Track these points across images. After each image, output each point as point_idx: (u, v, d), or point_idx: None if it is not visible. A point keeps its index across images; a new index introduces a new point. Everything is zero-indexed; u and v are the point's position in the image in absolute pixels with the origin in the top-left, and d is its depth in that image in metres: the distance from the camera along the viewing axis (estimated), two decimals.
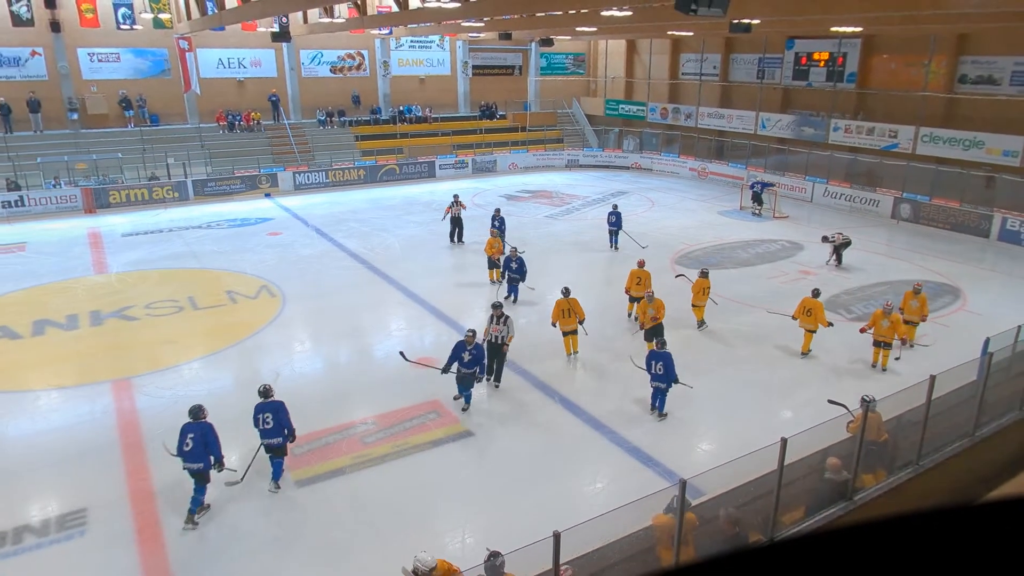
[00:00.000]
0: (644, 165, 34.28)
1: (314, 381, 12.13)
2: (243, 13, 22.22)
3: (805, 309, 13.01)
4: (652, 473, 9.25)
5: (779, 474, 6.87)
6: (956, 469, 8.66)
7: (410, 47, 35.29)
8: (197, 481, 8.39)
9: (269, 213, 24.99)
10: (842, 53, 27.63)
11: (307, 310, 15.51)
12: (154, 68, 29.99)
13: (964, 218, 22.41)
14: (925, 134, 23.99)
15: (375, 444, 9.98)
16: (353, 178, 30.16)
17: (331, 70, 33.73)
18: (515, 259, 15.65)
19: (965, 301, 16.02)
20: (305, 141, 31.30)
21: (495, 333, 11.46)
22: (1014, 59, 22.84)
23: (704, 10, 9.47)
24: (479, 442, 10.06)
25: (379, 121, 33.82)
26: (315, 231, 22.31)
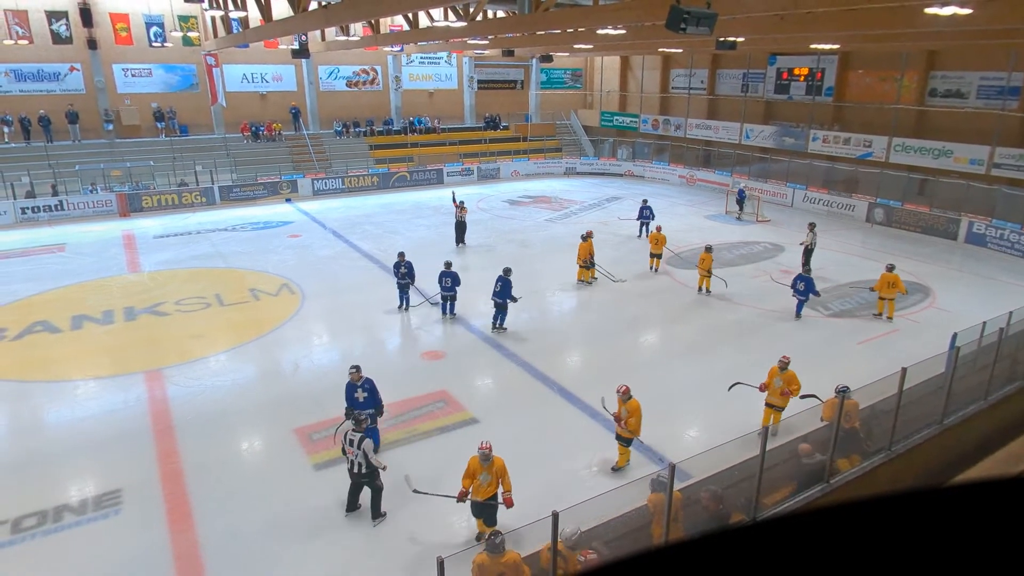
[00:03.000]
0: (637, 172, 34.22)
1: (331, 372, 12.12)
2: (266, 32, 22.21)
3: (888, 283, 14.43)
4: (643, 458, 9.25)
5: (761, 458, 6.87)
6: (925, 455, 8.65)
7: (420, 63, 35.26)
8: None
9: (289, 217, 24.99)
10: (820, 69, 27.55)
11: (324, 307, 15.49)
12: (183, 82, 29.99)
13: (933, 222, 22.35)
14: (898, 144, 23.92)
15: (387, 430, 9.98)
16: (367, 184, 30.16)
17: (347, 84, 33.70)
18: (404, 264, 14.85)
19: (934, 299, 15.98)
20: (323, 150, 31.30)
21: (351, 457, 7.85)
22: (980, 74, 22.76)
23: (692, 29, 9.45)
24: (483, 429, 10.06)
25: (391, 132, 33.80)
26: (332, 233, 22.31)
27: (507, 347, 13.07)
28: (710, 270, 16.08)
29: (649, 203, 21.92)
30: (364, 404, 9.04)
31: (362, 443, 7.77)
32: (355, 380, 9.13)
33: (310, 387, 11.44)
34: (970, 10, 11.42)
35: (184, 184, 26.74)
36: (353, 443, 7.81)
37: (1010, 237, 20.17)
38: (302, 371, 12.13)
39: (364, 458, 7.79)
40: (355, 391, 9.13)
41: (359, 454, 7.78)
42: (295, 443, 9.70)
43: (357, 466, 7.83)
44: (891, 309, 14.65)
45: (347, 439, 7.88)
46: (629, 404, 8.78)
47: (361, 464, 7.81)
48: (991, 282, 17.52)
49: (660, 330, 14.64)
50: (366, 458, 7.79)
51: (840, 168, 26.28)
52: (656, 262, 18.30)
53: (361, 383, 9.14)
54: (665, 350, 13.75)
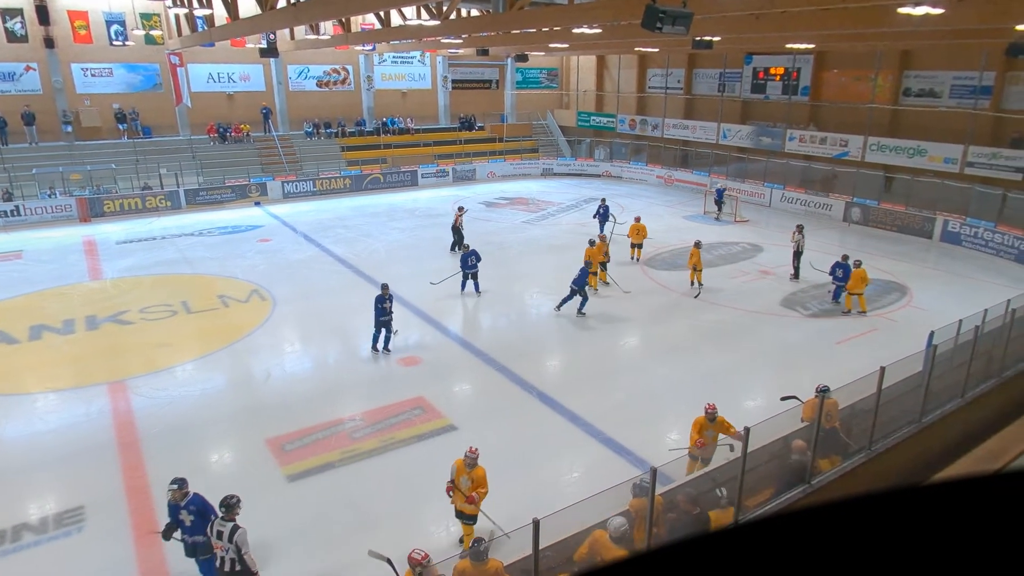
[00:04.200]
0: (614, 173, 34.46)
1: (303, 380, 12.01)
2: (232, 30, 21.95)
3: (860, 278, 14.72)
4: (625, 462, 9.29)
5: (743, 461, 6.94)
6: (905, 453, 8.82)
7: (392, 62, 35.13)
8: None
9: (259, 220, 24.71)
10: (796, 68, 28.04)
11: (296, 313, 15.36)
12: (146, 82, 29.51)
13: (909, 220, 22.84)
14: (873, 143, 24.42)
15: (363, 439, 9.91)
16: (339, 187, 29.94)
17: (317, 84, 33.44)
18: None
19: (911, 298, 16.33)
20: (293, 152, 31.00)
21: (220, 552, 6.61)
22: (952, 74, 23.35)
23: (668, 28, 9.56)
24: (462, 436, 10.03)
25: (364, 133, 33.60)
26: (303, 237, 22.10)
27: (485, 352, 13.06)
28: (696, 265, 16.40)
29: (607, 203, 21.80)
30: (193, 529, 6.96)
31: (234, 535, 6.49)
32: (176, 500, 6.99)
33: (282, 396, 11.31)
34: (942, 10, 11.71)
35: (148, 188, 26.29)
36: (222, 535, 6.51)
37: (984, 235, 20.69)
38: (274, 379, 11.99)
39: (236, 552, 6.50)
40: (178, 512, 7.00)
41: (230, 548, 6.49)
42: (267, 454, 9.58)
43: (229, 563, 6.51)
44: (862, 303, 14.95)
45: (214, 530, 6.61)
46: (474, 472, 7.45)
47: (233, 560, 6.50)
48: (966, 280, 17.95)
49: (640, 332, 14.75)
50: (239, 553, 6.51)
51: (817, 167, 26.75)
52: (637, 252, 19.10)
53: (186, 502, 6.97)
54: (645, 352, 13.84)
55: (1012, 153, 20.81)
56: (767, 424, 7.55)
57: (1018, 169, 20.51)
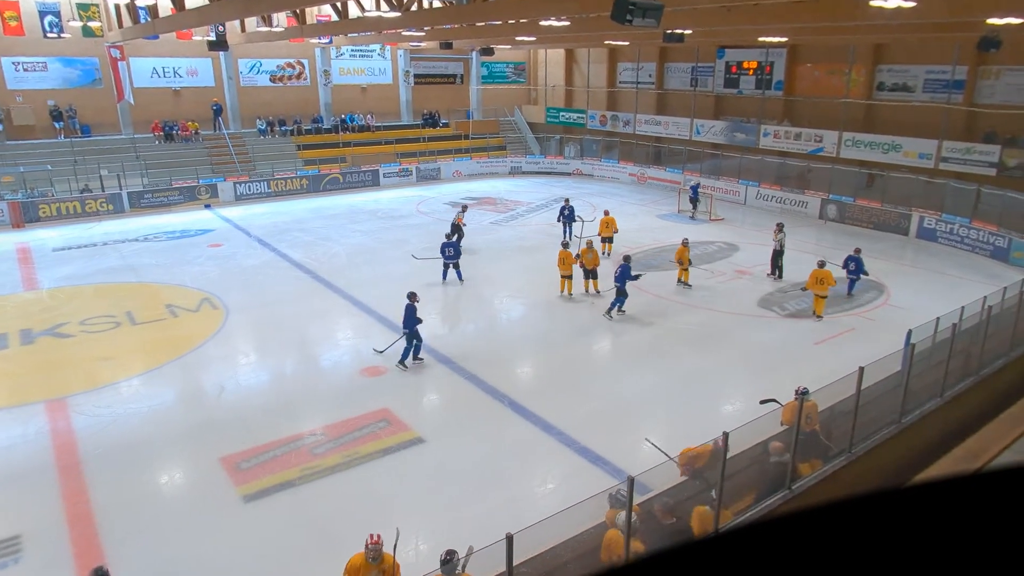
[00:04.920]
0: (585, 171, 34.71)
1: (260, 393, 11.82)
2: (177, 22, 21.57)
3: (817, 279, 14.81)
4: (601, 471, 9.34)
5: (722, 466, 7.03)
6: (886, 455, 9.04)
7: (351, 56, 34.90)
8: None
9: (209, 224, 24.30)
10: (769, 62, 28.62)
11: (251, 321, 15.15)
12: (84, 77, 28.81)
13: (885, 217, 23.45)
14: (848, 138, 25.03)
15: (325, 455, 9.78)
16: (295, 188, 29.61)
17: (271, 79, 33.06)
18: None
19: (888, 296, 16.75)
20: (245, 151, 30.56)
21: None
22: (925, 68, 24.08)
23: (639, 21, 9.67)
24: (431, 448, 9.98)
25: (321, 130, 33.29)
26: (258, 241, 21.80)
27: (453, 360, 13.01)
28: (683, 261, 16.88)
29: (571, 203, 21.84)
30: None
31: None
32: None
33: (237, 411, 11.12)
34: (914, 3, 12.07)
35: (88, 190, 25.65)
36: None
37: (959, 231, 21.34)
38: (228, 393, 11.78)
39: None
40: None
41: None
42: (221, 474, 9.40)
43: None
44: (820, 307, 15.07)
45: None
46: (383, 566, 6.31)
47: None
48: (943, 277, 18.49)
49: (614, 336, 14.85)
50: None
51: (792, 164, 27.31)
52: (608, 247, 19.52)
53: None
54: (620, 356, 13.94)
55: (985, 148, 21.53)
56: (747, 428, 7.67)
57: (991, 164, 21.23)
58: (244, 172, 29.37)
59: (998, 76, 22.50)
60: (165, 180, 27.25)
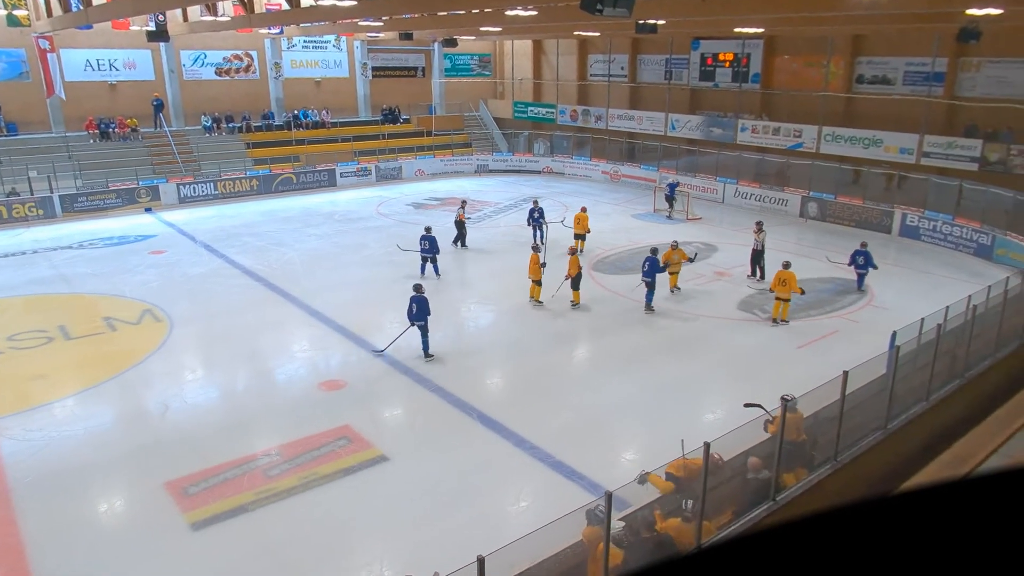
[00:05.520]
0: (556, 169, 34.89)
1: (208, 412, 11.64)
2: (113, 10, 21.18)
3: (780, 280, 14.93)
4: (577, 487, 9.36)
5: (703, 479, 7.10)
6: (872, 462, 9.23)
7: (304, 47, 34.63)
8: None
9: (151, 229, 23.89)
10: (746, 54, 29.13)
11: (198, 334, 14.95)
12: (10, 71, 28.11)
13: (867, 215, 24.00)
14: (828, 133, 25.58)
15: (280, 477, 9.66)
16: (245, 189, 29.26)
17: (216, 72, 32.65)
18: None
19: (872, 296, 17.13)
20: (189, 150, 30.12)
21: None
22: (905, 60, 24.75)
23: (610, 10, 9.78)
24: (395, 467, 9.92)
25: (272, 127, 32.95)
26: (204, 247, 21.51)
27: (418, 371, 12.96)
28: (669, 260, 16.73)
29: (540, 204, 21.81)
30: None
31: None
32: None
33: (183, 431, 10.92)
34: None
35: (15, 194, 25.01)
36: None
37: (943, 229, 21.94)
38: (173, 413, 11.57)
39: None
40: None
41: None
42: (167, 500, 9.23)
43: None
44: (784, 311, 15.18)
45: None
46: None
47: None
48: (927, 276, 18.99)
49: (589, 344, 14.93)
50: None
51: (771, 160, 27.81)
52: (580, 244, 19.89)
53: None
54: (595, 365, 14.01)
55: (967, 142, 22.18)
56: (729, 437, 7.76)
57: (973, 159, 21.87)
58: (188, 173, 28.93)
59: (978, 68, 23.22)
60: (101, 182, 26.72)
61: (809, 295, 17.03)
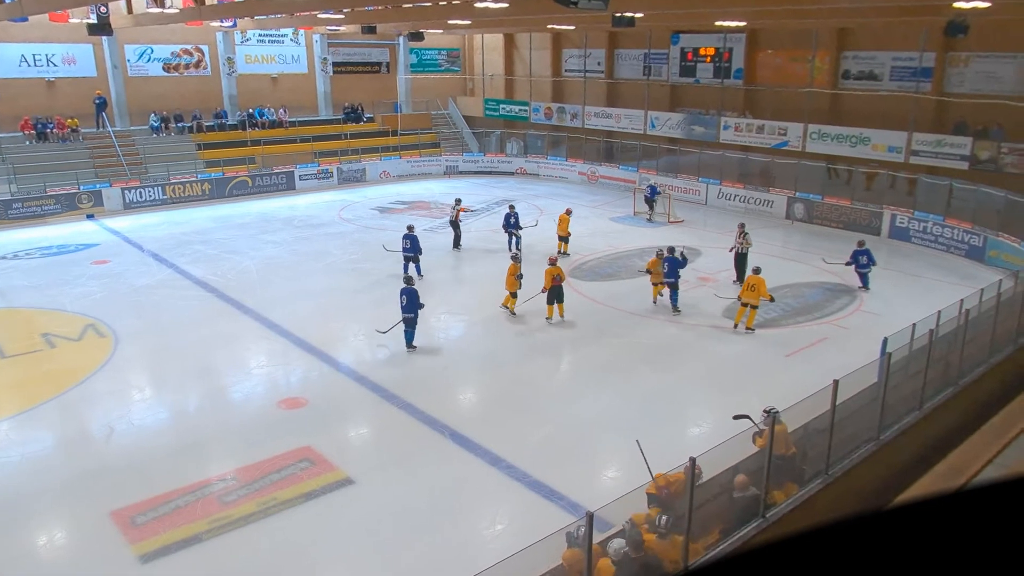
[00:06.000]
0: (530, 170, 35.01)
1: (158, 434, 11.48)
2: (50, 2, 20.87)
3: (749, 285, 15.03)
4: (557, 508, 9.37)
5: (689, 497, 7.14)
6: (864, 475, 9.35)
7: (259, 42, 34.42)
8: None
9: (93, 238, 23.55)
10: (728, 48, 29.54)
11: (146, 350, 14.78)
12: None
13: (855, 216, 24.42)
14: (813, 131, 26.02)
15: (237, 503, 9.54)
16: (196, 193, 28.98)
17: (164, 68, 32.32)
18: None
19: (862, 301, 17.41)
20: (135, 151, 29.73)
21: None
22: (892, 54, 25.28)
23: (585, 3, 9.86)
24: (361, 490, 9.84)
25: (225, 126, 32.65)
26: (152, 257, 21.27)
27: (384, 386, 12.89)
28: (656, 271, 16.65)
29: (516, 209, 21.87)
30: None
31: None
32: None
33: (130, 456, 10.76)
34: None
35: None
36: None
37: (933, 230, 22.39)
38: (119, 436, 11.41)
39: None
40: None
41: None
42: (113, 530, 9.08)
43: None
44: (751, 318, 15.27)
45: None
46: None
47: None
48: (917, 279, 19.36)
49: (567, 354, 14.96)
50: None
51: (755, 159, 28.20)
52: (563, 246, 20.43)
53: None
54: (573, 377, 14.05)
55: (956, 140, 22.70)
56: (716, 452, 7.81)
57: (963, 157, 22.38)
58: (134, 176, 28.56)
59: (967, 63, 23.79)
60: (38, 187, 26.28)
61: (797, 300, 17.26)
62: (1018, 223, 20.06)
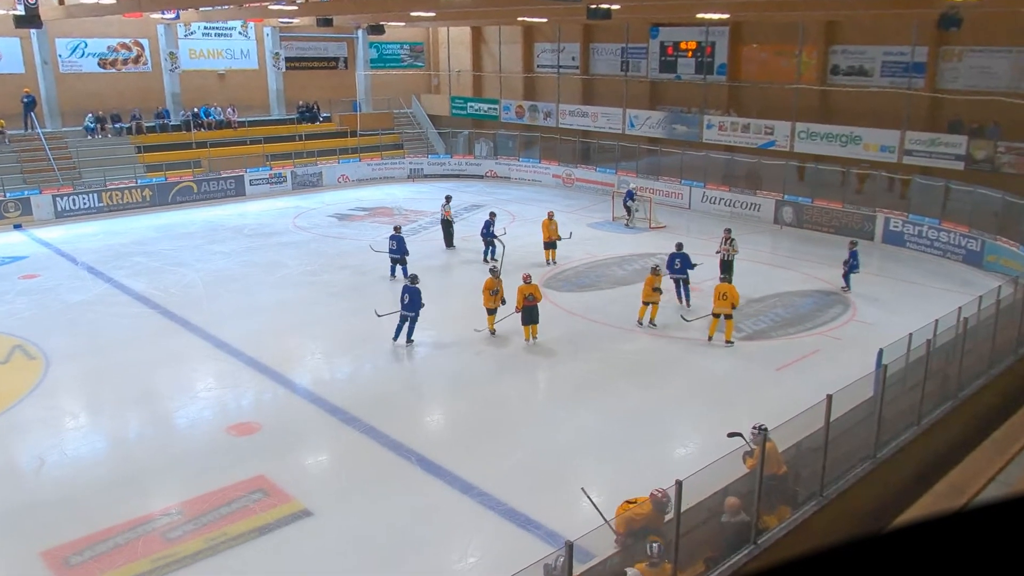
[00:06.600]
0: (500, 173, 35.11)
1: (94, 465, 11.32)
2: None
3: (720, 294, 15.06)
4: (534, 537, 9.36)
5: (676, 523, 7.17)
6: (861, 496, 9.46)
7: (204, 35, 34.20)
8: None
9: (21, 250, 23.21)
10: (710, 43, 29.94)
11: (80, 373, 14.60)
12: None
13: (847, 220, 24.81)
14: (802, 130, 26.43)
15: (183, 539, 9.41)
16: (136, 200, 28.70)
17: (100, 64, 31.96)
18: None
19: (855, 311, 17.67)
20: (68, 155, 29.35)
21: None
22: (883, 48, 25.80)
23: None
24: (320, 523, 9.75)
25: (168, 127, 32.35)
26: (87, 270, 21.01)
27: (345, 409, 12.80)
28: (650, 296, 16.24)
29: (495, 216, 22.10)
30: None
31: None
32: None
33: (64, 489, 10.57)
34: None
35: None
36: None
37: (929, 234, 22.82)
38: (50, 467, 11.22)
39: None
40: None
41: None
42: (44, 573, 8.94)
43: None
44: (728, 330, 15.24)
45: None
46: None
47: None
48: (913, 286, 19.70)
49: (542, 371, 14.98)
50: None
51: (741, 160, 28.56)
52: (551, 253, 21.07)
53: None
54: (550, 395, 14.07)
55: (951, 139, 23.20)
56: (703, 474, 7.85)
57: (958, 157, 22.87)
58: (67, 182, 28.18)
59: (960, 58, 24.36)
60: None
61: (787, 310, 17.47)
62: (1016, 226, 20.51)
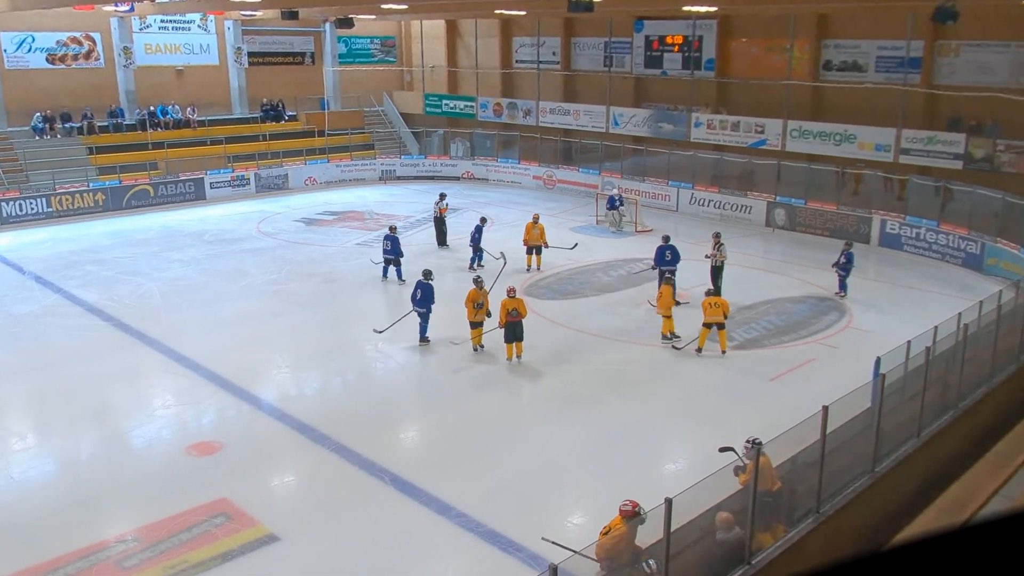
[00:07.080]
0: (478, 174, 35.12)
1: (43, 489, 11.18)
2: None
3: (711, 303, 15.23)
4: (516, 560, 9.35)
5: (666, 543, 7.18)
6: (859, 512, 9.53)
7: (161, 29, 34.00)
8: None
9: None
10: (697, 37, 30.16)
11: (26, 391, 14.52)
12: None
13: (842, 222, 25.02)
14: (794, 128, 26.66)
15: (140, 568, 9.33)
16: (88, 205, 28.46)
17: (48, 59, 31.71)
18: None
19: (851, 317, 17.82)
20: (14, 156, 29.10)
21: None
22: (877, 43, 26.10)
23: None
24: (288, 548, 9.68)
25: (122, 127, 32.13)
26: (34, 280, 20.83)
27: (314, 427, 12.73)
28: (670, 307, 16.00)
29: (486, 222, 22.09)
30: None
31: None
32: None
33: (9, 516, 10.44)
34: None
35: None
36: None
37: (927, 237, 23.06)
38: None
39: None
40: None
41: None
42: None
43: None
44: (722, 340, 15.34)
45: None
46: None
47: None
48: (911, 291, 19.91)
49: (523, 384, 14.97)
50: None
51: (731, 160, 28.74)
52: (535, 259, 21.14)
53: None
54: (532, 410, 14.06)
55: (949, 137, 23.50)
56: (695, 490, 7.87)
57: (957, 155, 23.16)
58: (13, 186, 27.96)
59: (957, 53, 24.71)
60: None
61: (781, 318, 17.59)
62: (1017, 228, 20.71)
